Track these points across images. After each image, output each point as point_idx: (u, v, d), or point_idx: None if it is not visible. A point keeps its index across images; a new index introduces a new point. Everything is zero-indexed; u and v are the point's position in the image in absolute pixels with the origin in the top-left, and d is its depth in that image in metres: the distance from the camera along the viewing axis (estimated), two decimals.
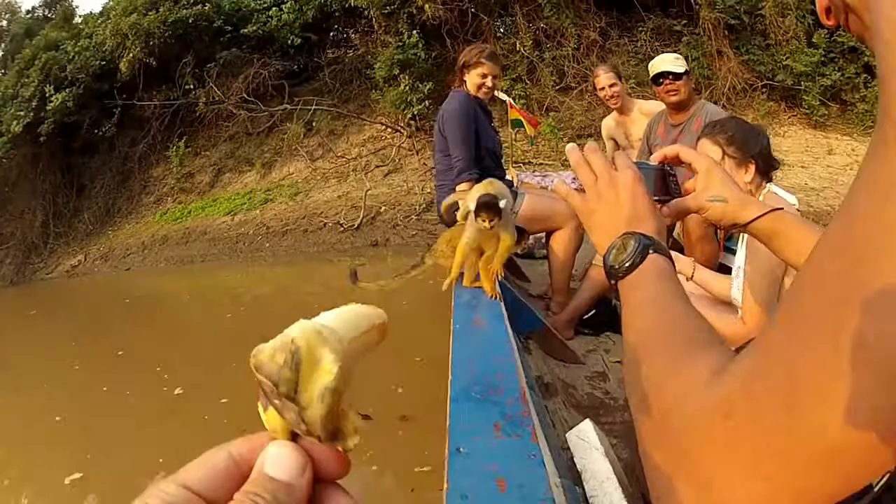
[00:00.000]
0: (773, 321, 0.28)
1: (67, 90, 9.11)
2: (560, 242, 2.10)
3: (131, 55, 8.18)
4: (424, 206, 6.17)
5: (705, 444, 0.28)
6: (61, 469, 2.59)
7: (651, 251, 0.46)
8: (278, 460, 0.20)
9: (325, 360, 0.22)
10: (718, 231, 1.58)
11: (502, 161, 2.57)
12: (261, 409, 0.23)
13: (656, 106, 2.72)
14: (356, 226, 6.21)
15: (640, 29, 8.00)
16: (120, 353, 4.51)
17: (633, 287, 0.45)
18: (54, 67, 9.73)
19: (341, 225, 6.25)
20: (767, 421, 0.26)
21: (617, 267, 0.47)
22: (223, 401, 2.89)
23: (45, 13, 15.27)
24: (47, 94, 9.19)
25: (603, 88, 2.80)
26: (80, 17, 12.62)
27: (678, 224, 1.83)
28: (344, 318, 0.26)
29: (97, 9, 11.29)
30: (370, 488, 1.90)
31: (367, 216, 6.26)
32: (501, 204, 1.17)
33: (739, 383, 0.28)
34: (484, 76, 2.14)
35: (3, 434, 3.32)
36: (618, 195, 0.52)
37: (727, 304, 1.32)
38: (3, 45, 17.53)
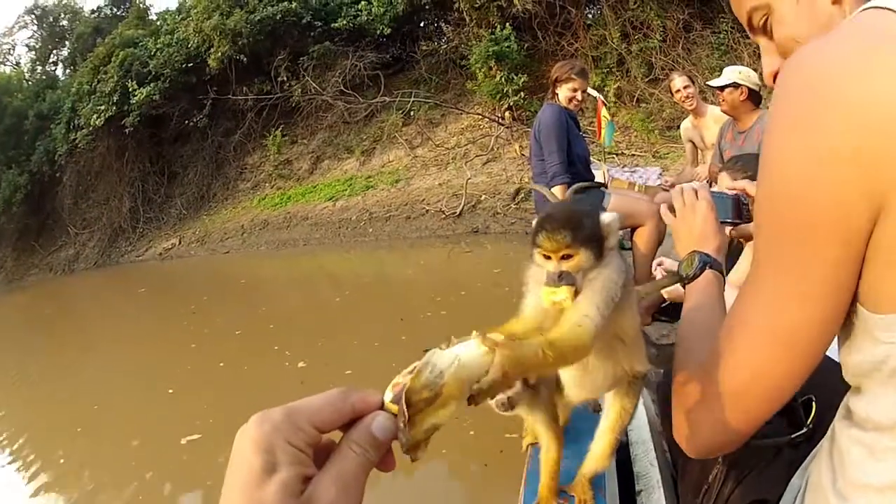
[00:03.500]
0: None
1: (152, 84, 9.50)
2: (642, 237, 2.33)
3: (220, 52, 8.48)
4: (523, 195, 6.28)
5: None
6: (178, 432, 2.72)
7: (708, 267, 0.67)
8: (384, 427, 0.27)
9: (451, 406, 0.28)
10: None
11: (590, 164, 2.79)
12: (389, 394, 0.28)
13: (719, 113, 2.88)
14: (458, 213, 6.36)
15: (722, 20, 7.96)
16: (238, 332, 4.69)
17: (693, 292, 0.66)
18: (135, 63, 10.15)
19: (443, 212, 6.41)
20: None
21: (685, 276, 0.69)
22: (347, 372, 3.01)
23: (114, 11, 15.88)
24: (130, 89, 9.60)
25: (679, 91, 3.01)
26: (154, 14, 13.17)
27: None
28: (474, 359, 0.31)
29: (173, 5, 11.71)
30: (466, 447, 2.01)
31: (468, 204, 6.40)
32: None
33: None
34: (574, 90, 2.41)
35: (121, 404, 3.50)
36: (694, 218, 0.73)
37: None
38: (68, 43, 18.33)
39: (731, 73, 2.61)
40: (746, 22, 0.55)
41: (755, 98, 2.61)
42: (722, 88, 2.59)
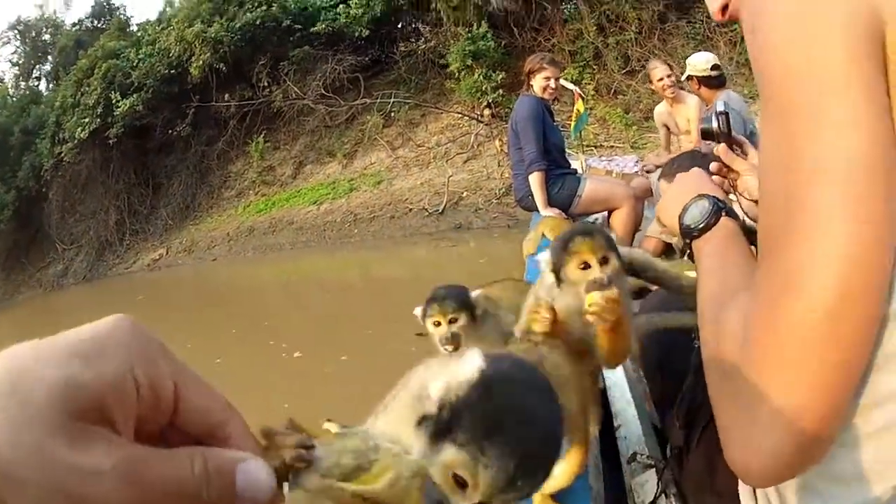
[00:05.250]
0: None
1: (135, 95, 9.48)
2: (619, 220, 2.41)
3: (201, 61, 8.49)
4: (504, 189, 6.35)
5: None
6: None
7: (724, 213, 0.50)
8: (255, 480, 0.19)
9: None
10: None
11: (566, 153, 2.91)
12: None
13: (696, 101, 3.00)
14: (440, 210, 6.42)
15: (698, 10, 8.05)
16: (234, 331, 4.73)
17: (707, 249, 0.50)
18: (118, 75, 10.12)
19: (426, 210, 6.47)
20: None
21: (692, 226, 0.51)
22: (343, 358, 3.12)
23: (95, 23, 15.81)
24: (113, 101, 9.57)
25: (661, 79, 3.08)
26: (136, 25, 13.13)
27: None
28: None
29: (152, 16, 11.71)
30: None
31: (450, 201, 6.47)
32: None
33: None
34: (547, 79, 2.49)
35: None
36: (689, 177, 0.62)
37: None
38: (50, 57, 18.24)
39: (688, 67, 2.80)
40: None
41: (715, 81, 2.74)
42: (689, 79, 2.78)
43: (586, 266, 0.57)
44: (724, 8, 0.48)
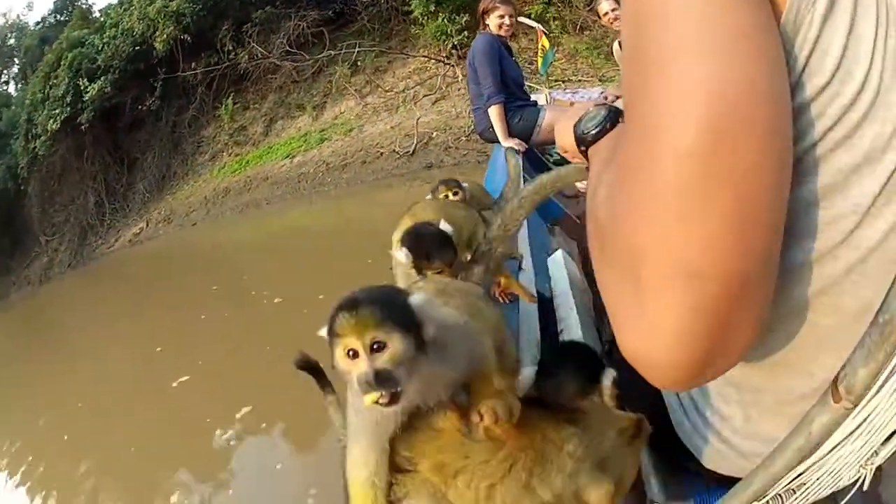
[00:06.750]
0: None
1: (103, 78, 9.40)
2: None
3: (165, 35, 8.41)
4: (472, 127, 6.39)
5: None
6: (169, 378, 2.91)
7: (620, 119, 0.47)
8: None
9: None
10: None
11: (524, 87, 2.91)
12: None
13: None
14: (411, 152, 6.46)
15: None
16: (214, 287, 4.78)
17: (600, 149, 0.47)
18: (84, 62, 10.01)
19: (397, 153, 6.50)
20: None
21: (585, 133, 0.48)
22: (321, 297, 3.19)
23: (58, 18, 15.55)
24: (82, 88, 9.48)
25: (606, 14, 3.07)
26: (98, 11, 12.92)
27: None
28: None
29: (114, 0, 11.56)
30: None
31: (421, 142, 6.50)
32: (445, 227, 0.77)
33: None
34: (501, 17, 2.54)
35: (111, 371, 3.68)
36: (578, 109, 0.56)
37: None
38: (16, 59, 17.94)
39: None
40: None
41: None
42: None
43: (354, 354, 0.40)
44: None
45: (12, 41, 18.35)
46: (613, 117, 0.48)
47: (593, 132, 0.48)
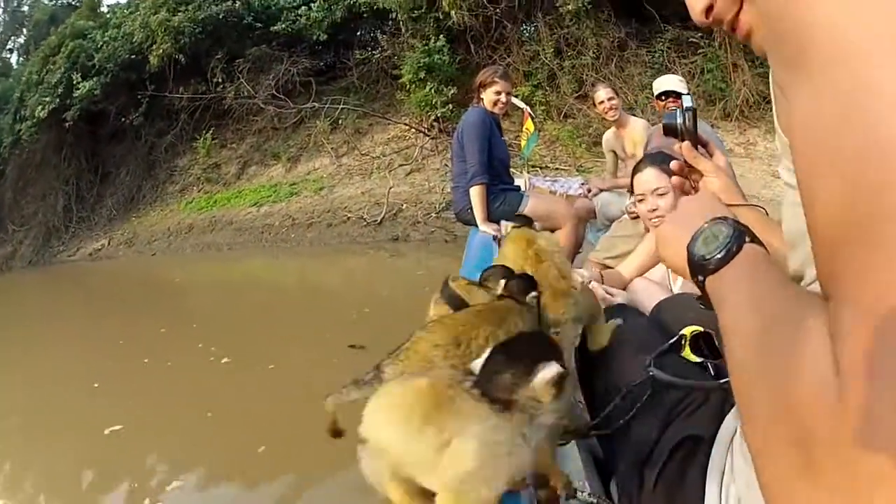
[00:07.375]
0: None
1: (95, 79, 9.37)
2: (560, 239, 2.36)
3: (161, 50, 8.41)
4: (444, 204, 6.38)
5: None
6: (101, 423, 2.80)
7: (747, 240, 0.39)
8: None
9: None
10: None
11: (510, 169, 2.83)
12: None
13: (642, 123, 3.09)
14: (379, 221, 6.42)
15: (659, 40, 8.19)
16: (162, 330, 4.69)
17: (730, 278, 0.38)
18: (81, 55, 10.00)
19: (364, 220, 6.46)
20: None
21: (707, 259, 0.39)
22: (271, 367, 3.10)
23: (70, 0, 15.55)
24: (74, 82, 9.45)
25: (602, 102, 3.05)
26: (106, 6, 12.92)
27: None
28: None
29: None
30: None
31: (390, 212, 6.47)
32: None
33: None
34: (498, 93, 2.45)
35: (44, 397, 3.53)
36: (696, 200, 0.50)
37: None
38: (25, 30, 17.92)
39: (682, 83, 2.80)
40: None
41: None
42: (680, 95, 2.71)
43: None
44: (709, 9, 0.41)
45: (25, 8, 18.35)
46: (739, 237, 0.39)
47: (717, 256, 0.38)
